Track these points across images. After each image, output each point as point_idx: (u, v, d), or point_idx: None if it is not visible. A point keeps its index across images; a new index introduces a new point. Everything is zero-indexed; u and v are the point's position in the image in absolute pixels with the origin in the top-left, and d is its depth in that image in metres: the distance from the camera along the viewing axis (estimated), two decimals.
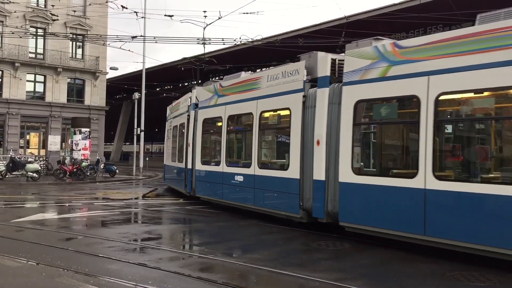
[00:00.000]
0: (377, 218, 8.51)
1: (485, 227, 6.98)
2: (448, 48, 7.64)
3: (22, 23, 34.89)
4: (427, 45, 8.00)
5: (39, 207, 15.42)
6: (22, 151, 36.27)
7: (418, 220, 7.77)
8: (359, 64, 9.00)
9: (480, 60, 7.14)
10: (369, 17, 29.71)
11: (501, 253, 6.89)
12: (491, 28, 7.23)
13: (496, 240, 6.85)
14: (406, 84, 8.15)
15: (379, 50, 8.75)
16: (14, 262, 6.94)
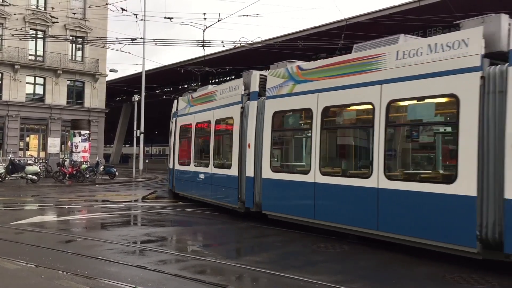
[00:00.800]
0: (286, 206, 10.78)
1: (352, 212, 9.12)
2: (331, 71, 9.72)
3: (22, 25, 34.90)
4: (318, 68, 10.12)
5: (38, 209, 15.41)
6: (22, 153, 36.26)
7: (310, 207, 9.93)
8: (276, 82, 11.16)
9: (351, 81, 9.19)
10: (369, 19, 29.74)
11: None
12: (355, 57, 9.36)
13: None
14: (304, 99, 10.28)
15: (288, 71, 10.87)
16: (13, 265, 6.93)
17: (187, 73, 38.62)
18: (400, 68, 8.46)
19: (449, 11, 25.79)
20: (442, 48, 7.97)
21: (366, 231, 8.85)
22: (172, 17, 24.74)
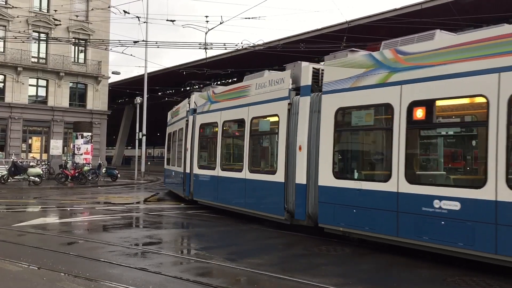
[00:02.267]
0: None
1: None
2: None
3: (24, 27, 35.00)
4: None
5: (40, 211, 15.44)
6: (24, 155, 36.32)
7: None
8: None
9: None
10: (370, 22, 29.76)
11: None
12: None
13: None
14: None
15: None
16: (16, 267, 6.96)
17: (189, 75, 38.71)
18: (257, 96, 12.27)
19: (451, 14, 25.82)
20: (274, 83, 11.63)
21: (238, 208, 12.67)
22: (174, 20, 24.79)
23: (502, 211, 6.83)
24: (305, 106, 10.50)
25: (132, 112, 55.02)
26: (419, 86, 8.14)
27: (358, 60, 9.48)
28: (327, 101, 9.84)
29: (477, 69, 7.34)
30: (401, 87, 8.44)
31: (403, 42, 8.91)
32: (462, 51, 7.65)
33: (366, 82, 9.07)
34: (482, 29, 8.02)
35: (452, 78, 7.68)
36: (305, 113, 10.47)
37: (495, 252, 6.94)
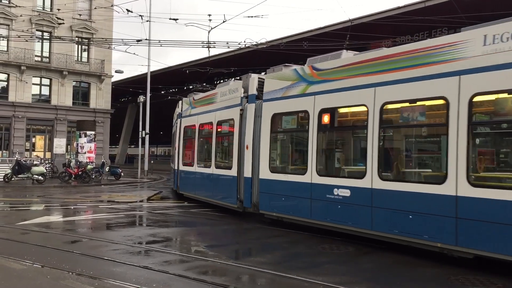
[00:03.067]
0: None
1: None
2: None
3: (28, 26, 35.07)
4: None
5: (44, 210, 15.49)
6: (28, 154, 36.45)
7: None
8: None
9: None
10: (374, 20, 29.68)
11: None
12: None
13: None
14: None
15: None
16: (19, 265, 6.98)
17: (192, 74, 38.69)
18: (220, 102, 14.29)
19: (454, 11, 25.73)
20: (232, 91, 13.51)
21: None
22: (177, 19, 24.79)
23: (376, 196, 8.73)
24: (251, 112, 12.41)
25: (135, 110, 55.07)
26: (326, 96, 10.08)
27: (287, 74, 11.45)
28: (266, 107, 11.84)
29: (358, 85, 9.31)
30: (314, 97, 10.37)
31: (320, 59, 10.71)
32: (353, 69, 9.55)
33: (292, 92, 11.07)
34: (367, 52, 10.23)
35: (346, 91, 9.62)
36: (251, 118, 12.36)
37: (371, 229, 8.89)
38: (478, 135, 7.76)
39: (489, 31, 7.44)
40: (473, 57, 7.49)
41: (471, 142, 7.46)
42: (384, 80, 8.80)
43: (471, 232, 7.26)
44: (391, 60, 8.86)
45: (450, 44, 7.93)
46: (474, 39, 7.58)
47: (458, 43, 7.83)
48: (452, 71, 7.72)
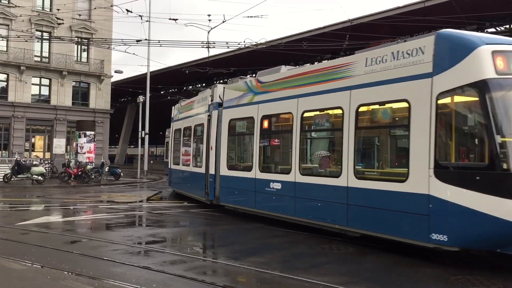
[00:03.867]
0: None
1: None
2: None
3: (27, 27, 35.06)
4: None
5: (44, 210, 15.48)
6: (27, 154, 36.44)
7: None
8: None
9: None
10: (373, 20, 29.69)
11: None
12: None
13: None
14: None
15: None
16: (19, 265, 6.97)
17: (192, 74, 38.67)
18: (196, 109, 16.46)
19: (454, 12, 25.72)
20: (203, 99, 15.63)
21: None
22: (176, 19, 24.76)
23: (298, 189, 10.53)
24: (214, 117, 14.20)
25: (135, 111, 55.04)
26: (266, 105, 11.90)
27: (240, 86, 13.32)
28: (225, 114, 13.63)
29: (287, 96, 11.09)
30: (258, 106, 12.19)
31: (266, 72, 12.50)
32: (284, 83, 11.36)
33: (243, 101, 12.87)
34: (296, 67, 12.58)
35: (279, 100, 11.38)
36: (215, 123, 14.13)
37: (294, 215, 10.73)
38: (362, 138, 9.43)
39: (369, 55, 9.11)
40: (358, 75, 9.20)
41: (356, 143, 9.18)
42: (303, 92, 10.66)
43: (357, 215, 9.01)
44: (308, 76, 10.72)
45: (345, 64, 9.67)
46: (359, 61, 9.27)
47: (350, 64, 9.55)
48: (346, 86, 9.49)
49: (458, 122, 7.69)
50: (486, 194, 6.97)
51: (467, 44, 7.56)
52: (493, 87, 7.23)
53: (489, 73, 7.28)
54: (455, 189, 7.30)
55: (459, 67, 7.52)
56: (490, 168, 7.00)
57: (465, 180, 7.22)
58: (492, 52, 7.38)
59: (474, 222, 7.09)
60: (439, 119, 7.63)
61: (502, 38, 8.35)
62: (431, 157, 7.59)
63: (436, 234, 7.44)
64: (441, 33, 7.94)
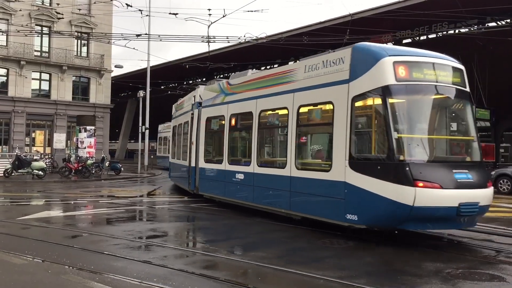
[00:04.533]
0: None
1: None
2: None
3: (27, 21, 35.02)
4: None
5: (44, 204, 15.50)
6: (28, 149, 36.46)
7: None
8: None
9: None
10: (374, 14, 29.59)
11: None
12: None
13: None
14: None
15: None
16: (20, 260, 6.98)
17: (192, 68, 38.58)
18: (185, 108, 18.47)
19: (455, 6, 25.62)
20: (189, 99, 17.73)
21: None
22: (177, 13, 24.73)
23: (256, 178, 12.09)
24: (196, 115, 15.85)
25: (135, 105, 54.98)
26: (233, 105, 13.45)
27: (215, 87, 14.96)
28: (203, 112, 15.30)
29: (249, 97, 12.60)
30: (228, 105, 13.75)
31: (236, 75, 14.44)
32: (247, 85, 12.98)
33: (217, 101, 14.50)
34: (258, 71, 14.81)
35: (243, 101, 12.91)
36: (196, 120, 15.78)
37: (253, 201, 12.34)
38: (301, 134, 10.79)
39: (307, 63, 10.62)
40: (299, 80, 10.71)
41: (297, 139, 10.67)
42: (261, 94, 12.15)
43: (297, 201, 10.58)
44: (264, 79, 12.25)
45: (290, 70, 11.22)
46: (300, 68, 10.77)
47: (294, 70, 11.08)
48: (290, 89, 10.94)
49: (366, 121, 9.21)
50: (385, 181, 8.36)
51: (374, 56, 8.95)
52: (393, 92, 8.70)
53: (390, 79, 8.66)
54: (363, 176, 8.73)
55: (368, 75, 8.92)
56: (388, 159, 8.41)
57: (370, 169, 8.66)
58: (393, 62, 8.75)
59: (376, 204, 8.48)
60: (353, 119, 9.09)
61: (405, 50, 10.07)
62: (347, 150, 9.05)
63: (349, 215, 8.95)
64: (356, 45, 9.39)
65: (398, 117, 8.71)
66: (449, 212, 8.24)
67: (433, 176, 8.25)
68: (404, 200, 8.07)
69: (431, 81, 9.10)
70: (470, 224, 9.10)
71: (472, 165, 9.13)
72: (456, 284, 6.32)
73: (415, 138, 8.88)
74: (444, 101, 9.42)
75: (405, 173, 8.16)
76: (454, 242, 9.39)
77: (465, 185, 8.41)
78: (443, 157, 9.09)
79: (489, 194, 8.90)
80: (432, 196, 8.12)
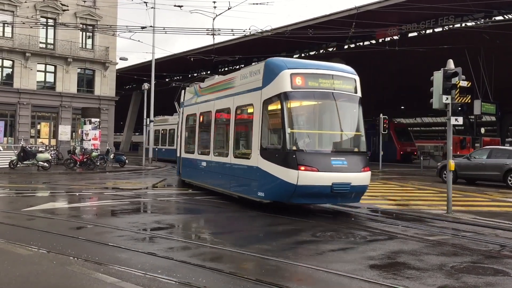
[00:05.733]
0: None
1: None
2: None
3: (32, 13, 35.01)
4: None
5: (49, 196, 15.57)
6: (33, 140, 36.58)
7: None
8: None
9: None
10: (380, 7, 29.40)
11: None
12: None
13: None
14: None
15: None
16: (26, 250, 7.02)
17: (196, 61, 38.52)
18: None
19: None
20: (178, 99, 21.25)
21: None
22: (182, 5, 24.65)
23: (211, 165, 14.97)
24: (180, 113, 19.33)
25: (140, 98, 55.03)
26: (202, 105, 16.36)
27: (192, 89, 18.12)
28: (184, 111, 18.54)
29: (210, 99, 15.50)
30: (198, 105, 16.76)
31: (207, 80, 17.06)
32: (210, 89, 15.90)
33: (192, 101, 17.63)
34: (219, 77, 16.24)
35: (207, 102, 15.84)
36: (180, 117, 19.45)
37: (210, 185, 15.27)
38: (237, 129, 13.39)
39: (242, 72, 13.41)
40: (237, 86, 13.44)
41: (235, 133, 13.33)
42: (217, 97, 14.90)
43: (234, 183, 13.24)
44: (219, 85, 15.15)
45: (233, 78, 14.10)
46: (238, 76, 13.56)
47: (235, 78, 13.91)
48: (232, 93, 13.67)
49: (271, 119, 11.70)
50: (279, 165, 10.97)
51: (277, 68, 11.50)
52: (289, 97, 11.16)
53: (286, 87, 11.17)
54: (267, 162, 11.34)
55: (272, 83, 11.47)
56: (282, 149, 10.99)
57: (271, 157, 11.28)
58: (291, 74, 11.25)
59: (274, 183, 11.12)
60: (263, 117, 11.66)
61: (304, 63, 12.66)
62: (259, 142, 11.68)
63: (260, 192, 11.60)
64: (267, 60, 11.97)
65: (292, 116, 11.32)
66: (324, 189, 10.75)
67: (313, 162, 10.77)
68: (291, 180, 10.65)
69: (322, 88, 11.50)
70: (353, 200, 11.84)
71: (352, 154, 11.52)
72: (460, 278, 6.31)
73: (303, 133, 11.53)
74: (333, 103, 11.66)
75: (292, 159, 10.72)
76: (459, 236, 9.38)
77: (339, 169, 10.91)
78: (324, 149, 11.57)
79: (362, 176, 11.27)
80: (310, 177, 10.64)
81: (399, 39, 33.15)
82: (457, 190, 17.32)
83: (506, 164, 20.26)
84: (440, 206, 13.49)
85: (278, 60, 12.02)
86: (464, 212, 12.56)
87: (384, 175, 26.43)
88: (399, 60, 36.25)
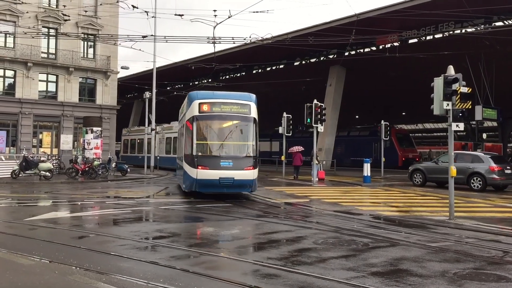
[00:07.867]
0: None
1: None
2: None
3: (34, 23, 35.18)
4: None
5: (51, 205, 15.57)
6: (35, 150, 36.59)
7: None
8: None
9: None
10: (380, 14, 29.50)
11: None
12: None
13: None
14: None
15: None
16: (27, 260, 7.02)
17: (197, 70, 38.65)
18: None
19: (462, 5, 25.49)
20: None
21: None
22: (182, 14, 24.75)
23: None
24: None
25: (141, 106, 55.17)
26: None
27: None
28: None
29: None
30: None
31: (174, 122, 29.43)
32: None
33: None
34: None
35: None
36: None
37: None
38: (180, 140, 18.44)
39: (184, 102, 18.68)
40: (182, 113, 18.60)
41: (179, 142, 18.17)
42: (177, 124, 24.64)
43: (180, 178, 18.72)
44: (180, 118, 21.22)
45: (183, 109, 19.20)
46: (175, 125, 27.00)
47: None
48: (181, 118, 19.03)
49: (187, 134, 16.73)
50: (189, 166, 16.09)
51: (192, 99, 16.50)
52: (197, 119, 16.26)
53: (196, 112, 16.20)
54: (185, 164, 16.49)
55: (189, 110, 16.52)
56: (191, 154, 16.05)
57: (187, 160, 16.37)
58: (199, 103, 16.25)
59: (187, 178, 16.31)
60: (186, 133, 16.90)
61: (211, 94, 17.11)
62: (184, 150, 16.93)
63: (183, 185, 17.25)
64: (188, 93, 17.23)
65: (198, 132, 16.29)
66: (214, 182, 15.57)
67: (206, 163, 15.69)
68: (193, 175, 15.77)
69: (222, 112, 16.38)
70: (245, 190, 16.60)
71: (238, 158, 16.11)
72: (463, 285, 6.29)
73: (204, 144, 16.47)
74: (229, 122, 16.58)
75: (194, 161, 15.80)
76: (461, 242, 9.36)
77: (225, 168, 15.60)
78: (217, 154, 16.10)
79: (243, 173, 15.77)
80: (204, 173, 15.61)
81: (399, 45, 33.23)
82: (459, 196, 17.28)
83: (469, 168, 21.41)
84: (443, 212, 13.47)
85: (194, 93, 16.95)
86: (467, 218, 12.54)
87: (386, 182, 26.39)
88: (399, 66, 36.32)
